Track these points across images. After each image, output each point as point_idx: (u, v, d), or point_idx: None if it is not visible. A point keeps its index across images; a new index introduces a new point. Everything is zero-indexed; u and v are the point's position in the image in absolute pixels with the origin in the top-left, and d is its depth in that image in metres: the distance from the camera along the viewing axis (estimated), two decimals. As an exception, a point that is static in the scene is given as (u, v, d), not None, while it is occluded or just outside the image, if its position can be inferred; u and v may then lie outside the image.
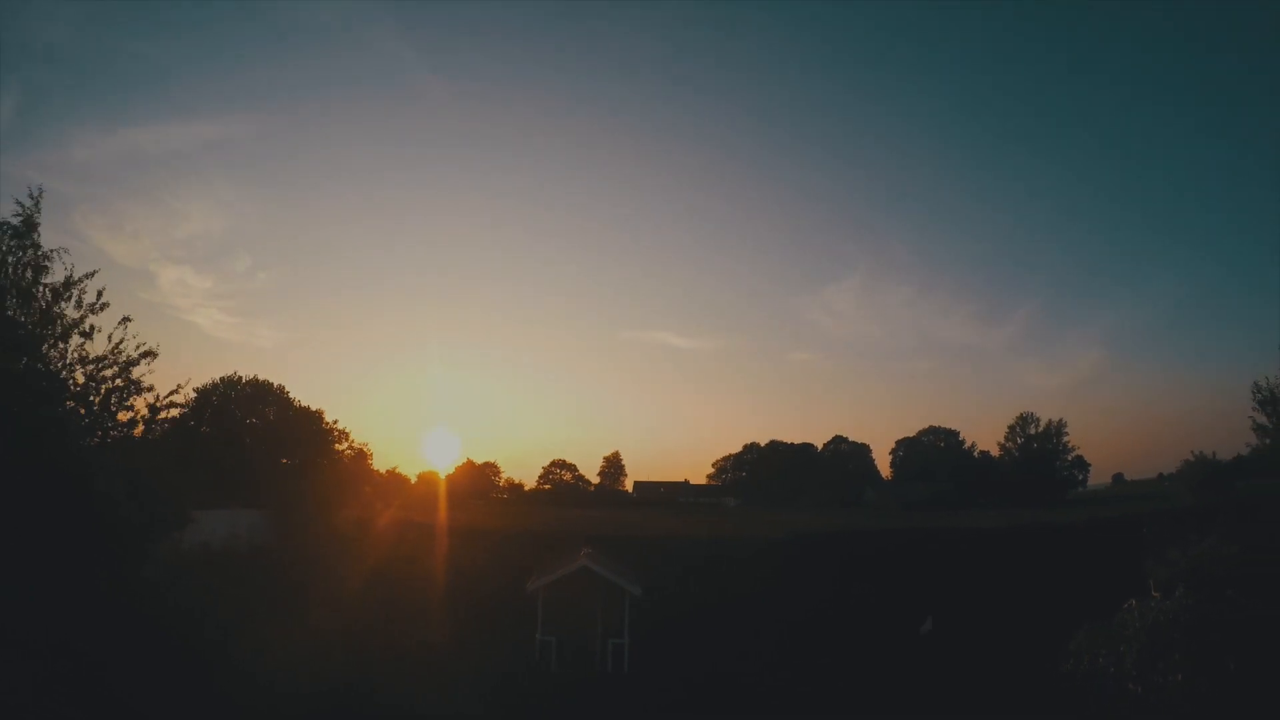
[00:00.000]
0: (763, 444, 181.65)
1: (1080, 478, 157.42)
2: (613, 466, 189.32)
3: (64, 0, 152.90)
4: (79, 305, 22.95)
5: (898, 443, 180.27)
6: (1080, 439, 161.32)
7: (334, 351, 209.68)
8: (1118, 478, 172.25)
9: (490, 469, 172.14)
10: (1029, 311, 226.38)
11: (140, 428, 25.07)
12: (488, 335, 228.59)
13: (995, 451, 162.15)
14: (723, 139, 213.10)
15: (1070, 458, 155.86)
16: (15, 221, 22.72)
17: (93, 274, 23.23)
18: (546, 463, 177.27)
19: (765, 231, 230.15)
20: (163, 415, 25.94)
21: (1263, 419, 46.79)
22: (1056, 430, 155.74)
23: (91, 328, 22.98)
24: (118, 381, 23.51)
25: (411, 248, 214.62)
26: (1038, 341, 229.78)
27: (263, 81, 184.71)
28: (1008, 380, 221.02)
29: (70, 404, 22.47)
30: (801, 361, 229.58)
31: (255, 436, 44.01)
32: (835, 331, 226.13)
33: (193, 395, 41.52)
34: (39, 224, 23.08)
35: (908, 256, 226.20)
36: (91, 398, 22.98)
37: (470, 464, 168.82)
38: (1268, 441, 46.78)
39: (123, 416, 24.13)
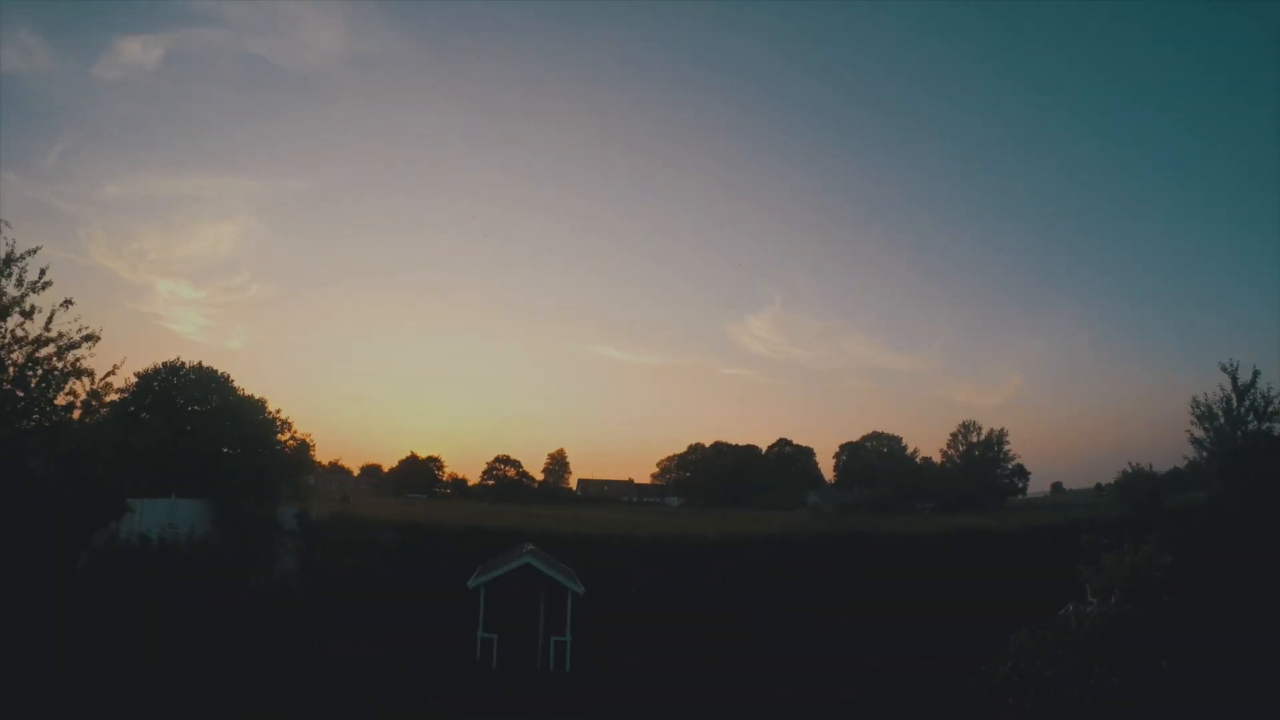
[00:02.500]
0: (707, 445, 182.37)
1: (1020, 485, 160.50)
2: (557, 464, 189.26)
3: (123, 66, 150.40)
4: (20, 283, 22.28)
5: (841, 447, 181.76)
6: (1020, 448, 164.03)
7: (302, 353, 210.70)
8: (1057, 486, 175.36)
9: (434, 463, 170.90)
10: (944, 344, 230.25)
11: (78, 412, 24.47)
12: (434, 336, 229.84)
13: (938, 459, 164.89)
14: (646, 186, 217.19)
15: (1011, 466, 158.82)
16: None
17: (35, 251, 22.55)
18: (490, 458, 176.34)
19: (691, 263, 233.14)
20: (102, 399, 25.36)
21: (1199, 433, 48.34)
22: (998, 439, 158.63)
23: (32, 307, 22.31)
24: (56, 363, 22.90)
25: (388, 257, 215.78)
26: (963, 368, 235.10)
27: (312, 146, 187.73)
28: (943, 399, 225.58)
29: (8, 386, 21.86)
30: (738, 376, 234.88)
31: (198, 424, 43.01)
32: (764, 353, 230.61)
33: (134, 380, 40.32)
34: None
35: (817, 295, 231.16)
36: (29, 378, 22.34)
37: (414, 457, 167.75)
38: (1204, 454, 48.25)
39: (61, 400, 23.53)
